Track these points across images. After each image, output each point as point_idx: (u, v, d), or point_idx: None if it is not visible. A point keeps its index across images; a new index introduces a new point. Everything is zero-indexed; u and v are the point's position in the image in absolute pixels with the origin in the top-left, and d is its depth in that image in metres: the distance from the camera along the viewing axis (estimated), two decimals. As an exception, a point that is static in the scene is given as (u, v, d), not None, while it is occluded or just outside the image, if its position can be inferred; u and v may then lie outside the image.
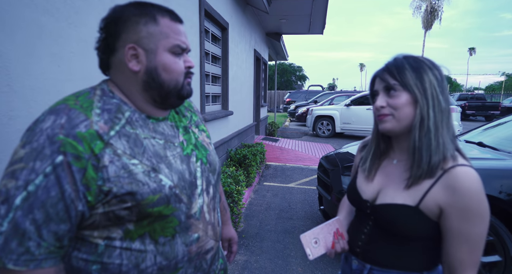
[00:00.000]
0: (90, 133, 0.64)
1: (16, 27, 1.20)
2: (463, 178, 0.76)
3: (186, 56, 0.77)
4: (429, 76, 0.80)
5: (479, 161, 2.23)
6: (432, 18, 32.04)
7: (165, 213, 0.70)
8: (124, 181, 0.65)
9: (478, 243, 0.76)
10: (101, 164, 0.64)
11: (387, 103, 0.83)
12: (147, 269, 0.71)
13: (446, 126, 0.81)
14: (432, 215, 0.80)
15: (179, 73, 0.74)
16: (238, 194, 3.05)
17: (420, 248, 0.85)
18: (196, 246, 0.77)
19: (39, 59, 1.31)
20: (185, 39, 0.76)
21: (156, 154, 0.71)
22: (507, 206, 1.95)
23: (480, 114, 17.68)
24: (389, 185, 0.88)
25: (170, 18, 0.74)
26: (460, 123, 8.25)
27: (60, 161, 0.61)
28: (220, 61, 4.64)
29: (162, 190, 0.69)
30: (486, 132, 3.00)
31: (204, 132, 0.92)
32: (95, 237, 0.68)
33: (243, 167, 4.54)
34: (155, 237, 0.71)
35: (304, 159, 6.52)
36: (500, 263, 1.99)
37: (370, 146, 0.96)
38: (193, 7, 3.22)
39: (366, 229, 0.93)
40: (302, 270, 2.52)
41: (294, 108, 15.79)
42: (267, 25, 7.84)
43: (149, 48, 0.71)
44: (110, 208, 0.66)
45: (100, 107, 0.68)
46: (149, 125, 0.74)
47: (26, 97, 1.25)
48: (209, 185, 0.83)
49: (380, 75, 0.85)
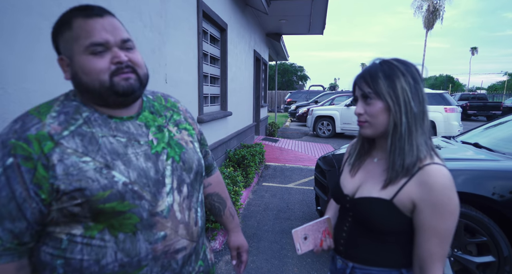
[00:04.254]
0: (41, 135, 0.68)
1: (11, 31, 1.22)
2: (436, 175, 0.80)
3: (115, 52, 0.72)
4: (402, 83, 0.83)
5: (473, 161, 2.24)
6: (434, 18, 31.95)
7: (120, 209, 0.71)
8: (73, 178, 0.67)
9: (447, 237, 0.81)
10: (50, 163, 0.67)
11: (365, 110, 0.87)
12: (108, 265, 0.72)
13: (421, 129, 0.85)
14: (405, 210, 0.84)
15: (98, 72, 0.71)
16: (235, 195, 3.07)
17: (396, 244, 0.88)
18: (162, 245, 0.76)
19: (35, 63, 1.33)
20: (104, 34, 0.71)
21: (113, 151, 0.73)
22: (500, 207, 1.96)
23: (482, 114, 17.62)
24: (368, 180, 0.92)
25: (84, 16, 0.71)
26: (460, 124, 8.23)
27: (10, 163, 0.65)
28: (219, 62, 4.66)
29: (114, 186, 0.70)
30: (484, 133, 3.01)
31: (186, 130, 0.91)
32: (58, 233, 0.71)
33: (242, 168, 4.55)
34: (114, 233, 0.72)
35: (303, 159, 6.53)
36: (494, 263, 2.00)
37: (356, 144, 1.01)
38: (191, 9, 3.24)
39: (346, 226, 0.97)
40: (298, 270, 2.54)
41: (295, 109, 15.80)
42: (267, 25, 7.86)
43: (68, 55, 0.73)
44: (62, 205, 0.68)
45: (58, 110, 0.73)
46: (110, 124, 0.76)
47: (21, 100, 1.27)
48: (182, 184, 0.82)
49: (358, 83, 0.89)
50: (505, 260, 1.96)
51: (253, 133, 7.37)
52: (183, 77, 3.10)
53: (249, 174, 4.48)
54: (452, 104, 8.25)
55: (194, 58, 3.41)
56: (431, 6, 31.74)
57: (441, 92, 8.46)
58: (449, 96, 8.50)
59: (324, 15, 6.94)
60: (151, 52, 2.41)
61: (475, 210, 2.04)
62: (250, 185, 4.54)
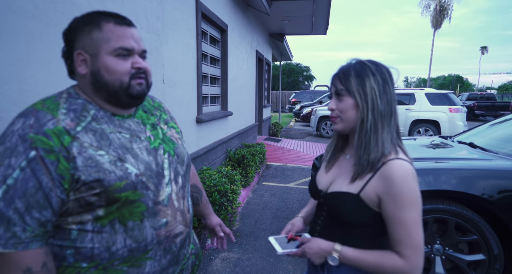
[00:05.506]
0: (58, 130, 0.72)
1: (3, 33, 1.28)
2: (397, 169, 0.84)
3: (136, 58, 0.82)
4: (371, 81, 0.88)
5: (465, 161, 2.24)
6: (442, 17, 31.55)
7: (132, 198, 0.78)
8: (92, 170, 0.73)
9: (414, 226, 0.83)
10: (71, 155, 0.72)
11: (337, 106, 0.93)
12: (117, 251, 0.78)
13: (387, 127, 0.89)
14: (372, 204, 0.87)
15: (122, 74, 0.79)
16: (233, 193, 3.10)
17: (365, 237, 0.92)
18: (165, 230, 0.85)
19: (28, 63, 1.39)
20: (132, 42, 0.80)
21: (122, 146, 0.80)
22: (491, 206, 1.96)
23: (490, 114, 17.33)
24: (340, 176, 0.97)
25: (115, 22, 0.80)
26: (465, 124, 8.15)
27: (33, 155, 0.69)
28: (219, 63, 4.70)
29: (129, 177, 0.77)
30: (481, 133, 3.00)
31: (174, 129, 1.01)
32: (69, 223, 0.76)
33: (242, 167, 4.59)
34: (124, 221, 0.78)
35: (305, 159, 6.54)
36: (484, 261, 2.00)
37: (332, 142, 1.06)
38: (189, 10, 3.30)
39: (320, 220, 1.01)
40: (292, 267, 2.57)
41: (299, 109, 15.78)
42: (270, 26, 7.89)
43: (92, 53, 0.79)
44: (80, 195, 0.74)
45: (66, 108, 0.77)
46: (114, 121, 0.82)
47: (15, 99, 1.33)
48: (177, 175, 0.91)
49: (332, 81, 0.94)
50: (495, 258, 1.97)
51: (255, 133, 7.41)
52: (182, 78, 3.15)
53: (249, 173, 4.51)
54: (457, 104, 8.18)
55: (193, 59, 3.46)
56: (438, 5, 31.37)
57: (446, 92, 8.40)
58: (454, 96, 8.43)
59: (327, 15, 6.95)
60: (148, 53, 2.45)
61: (466, 208, 2.04)
62: (250, 184, 4.57)
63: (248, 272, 2.49)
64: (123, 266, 0.80)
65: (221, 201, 2.91)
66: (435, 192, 2.04)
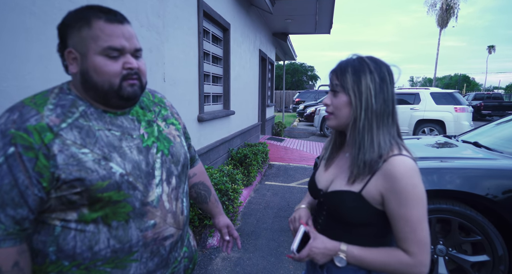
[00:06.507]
0: (40, 126, 0.70)
1: (1, 30, 1.28)
2: (399, 165, 0.81)
3: (128, 58, 0.77)
4: (367, 79, 0.85)
5: (469, 160, 2.20)
6: (448, 16, 31.23)
7: (116, 198, 0.75)
8: (73, 168, 0.71)
9: (419, 223, 0.81)
10: (51, 153, 0.70)
11: (331, 102, 0.90)
12: (100, 251, 0.76)
13: (384, 127, 0.86)
14: (374, 202, 0.85)
15: (111, 75, 0.76)
16: (234, 192, 3.09)
17: (367, 236, 0.89)
18: (152, 232, 0.82)
19: (25, 61, 1.39)
20: (122, 41, 0.76)
21: (110, 144, 0.77)
22: (495, 206, 1.93)
23: (497, 114, 17.10)
24: (340, 175, 0.94)
25: (106, 20, 0.75)
26: (471, 124, 8.05)
27: (11, 152, 0.67)
28: (221, 62, 4.69)
29: (112, 177, 0.74)
30: (486, 132, 2.95)
31: (173, 125, 0.96)
32: (53, 219, 0.74)
33: (244, 166, 4.57)
34: (108, 221, 0.76)
35: (308, 158, 6.51)
36: (489, 262, 1.96)
37: (330, 139, 1.03)
38: (191, 9, 3.29)
39: (321, 219, 0.98)
40: (293, 267, 2.54)
41: (303, 108, 15.74)
42: (273, 25, 7.86)
43: (82, 51, 0.75)
44: (61, 193, 0.72)
45: (55, 103, 0.75)
46: (105, 118, 0.80)
47: (11, 96, 1.32)
48: (170, 176, 0.87)
49: (330, 76, 0.92)
50: (500, 259, 1.93)
51: (258, 132, 7.39)
52: (183, 76, 3.14)
53: (251, 172, 4.49)
54: (462, 104, 8.09)
55: (195, 58, 3.45)
56: (445, 3, 31.07)
57: (451, 92, 8.30)
58: (459, 95, 8.34)
59: (330, 14, 6.91)
60: (148, 51, 2.46)
61: (470, 208, 2.01)
62: (252, 183, 4.56)
63: (248, 271, 2.47)
64: (106, 267, 0.78)
65: (222, 200, 2.90)
66: (439, 192, 2.01)
